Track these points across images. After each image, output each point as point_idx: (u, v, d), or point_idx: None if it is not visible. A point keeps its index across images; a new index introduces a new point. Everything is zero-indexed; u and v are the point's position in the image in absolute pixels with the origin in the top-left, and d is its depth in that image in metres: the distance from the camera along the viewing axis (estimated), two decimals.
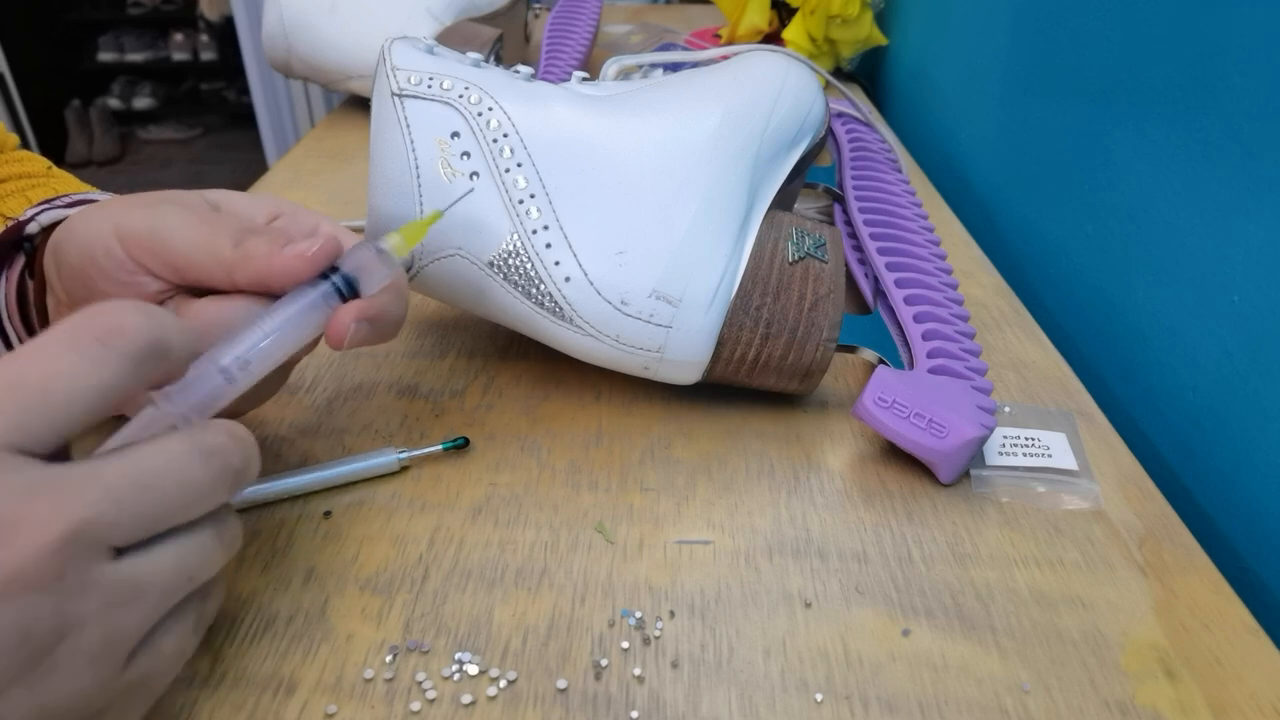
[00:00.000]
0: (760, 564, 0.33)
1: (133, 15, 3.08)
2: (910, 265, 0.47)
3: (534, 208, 0.36)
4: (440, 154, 0.36)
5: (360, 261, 0.30)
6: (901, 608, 0.31)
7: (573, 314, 0.36)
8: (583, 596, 0.31)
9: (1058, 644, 0.30)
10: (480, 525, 0.34)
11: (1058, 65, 0.57)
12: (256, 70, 2.17)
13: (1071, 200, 0.55)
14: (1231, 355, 0.40)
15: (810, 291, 0.38)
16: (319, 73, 0.77)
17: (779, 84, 0.41)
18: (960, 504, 0.36)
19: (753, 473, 0.37)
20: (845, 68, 0.95)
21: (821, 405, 0.41)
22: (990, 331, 0.48)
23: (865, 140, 0.62)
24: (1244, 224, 0.39)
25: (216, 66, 3.14)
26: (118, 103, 3.18)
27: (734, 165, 0.38)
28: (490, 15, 0.82)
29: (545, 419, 0.40)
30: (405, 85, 0.36)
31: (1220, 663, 0.29)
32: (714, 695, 0.28)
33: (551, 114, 0.37)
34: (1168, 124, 0.45)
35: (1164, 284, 0.45)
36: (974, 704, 0.28)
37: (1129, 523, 0.35)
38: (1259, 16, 0.39)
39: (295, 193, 0.64)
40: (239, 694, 0.27)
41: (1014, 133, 0.64)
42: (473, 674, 0.28)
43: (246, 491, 0.34)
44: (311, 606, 0.30)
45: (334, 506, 0.34)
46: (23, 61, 2.71)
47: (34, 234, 0.33)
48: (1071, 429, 0.39)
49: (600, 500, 0.35)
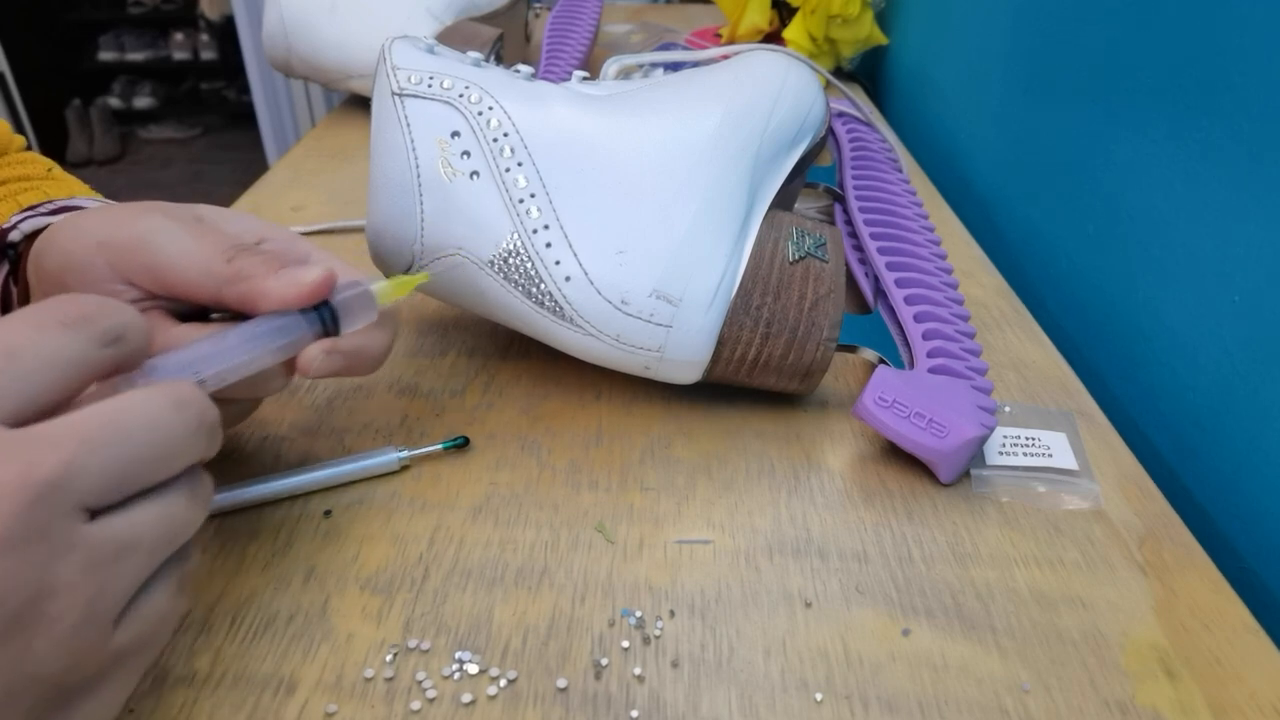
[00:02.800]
0: (760, 564, 0.33)
1: (133, 15, 3.08)
2: (910, 265, 0.47)
3: (534, 207, 0.36)
4: (440, 153, 0.36)
5: (349, 301, 0.30)
6: (901, 607, 0.31)
7: (573, 313, 0.36)
8: (583, 596, 0.31)
9: (1058, 644, 0.30)
10: (480, 525, 0.34)
11: (1058, 65, 0.57)
12: (257, 70, 2.17)
13: (1071, 200, 0.55)
14: (1231, 355, 0.40)
15: (810, 291, 0.38)
16: (319, 72, 0.77)
17: (779, 83, 0.41)
18: (960, 504, 0.36)
19: (753, 472, 0.37)
20: (846, 67, 0.95)
21: (821, 405, 0.41)
22: (990, 331, 0.48)
23: (866, 140, 0.62)
24: (1244, 224, 0.39)
25: (217, 66, 3.14)
26: (118, 102, 3.18)
27: (734, 165, 0.38)
28: (490, 15, 0.82)
29: (545, 418, 0.40)
30: (405, 84, 0.36)
31: (1220, 662, 0.29)
32: (714, 695, 0.28)
33: (552, 113, 0.37)
34: (1168, 124, 0.45)
35: (1164, 284, 0.45)
36: (974, 704, 0.28)
37: (1129, 522, 0.35)
38: (1259, 16, 0.39)
39: (295, 192, 0.64)
40: (239, 693, 0.27)
41: (1014, 133, 0.64)
42: (473, 673, 0.28)
43: (248, 491, 0.34)
44: (311, 606, 0.30)
45: (334, 506, 0.34)
46: (23, 61, 2.71)
47: (16, 241, 0.33)
48: (1071, 429, 0.39)
49: (600, 500, 0.35)
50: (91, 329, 0.22)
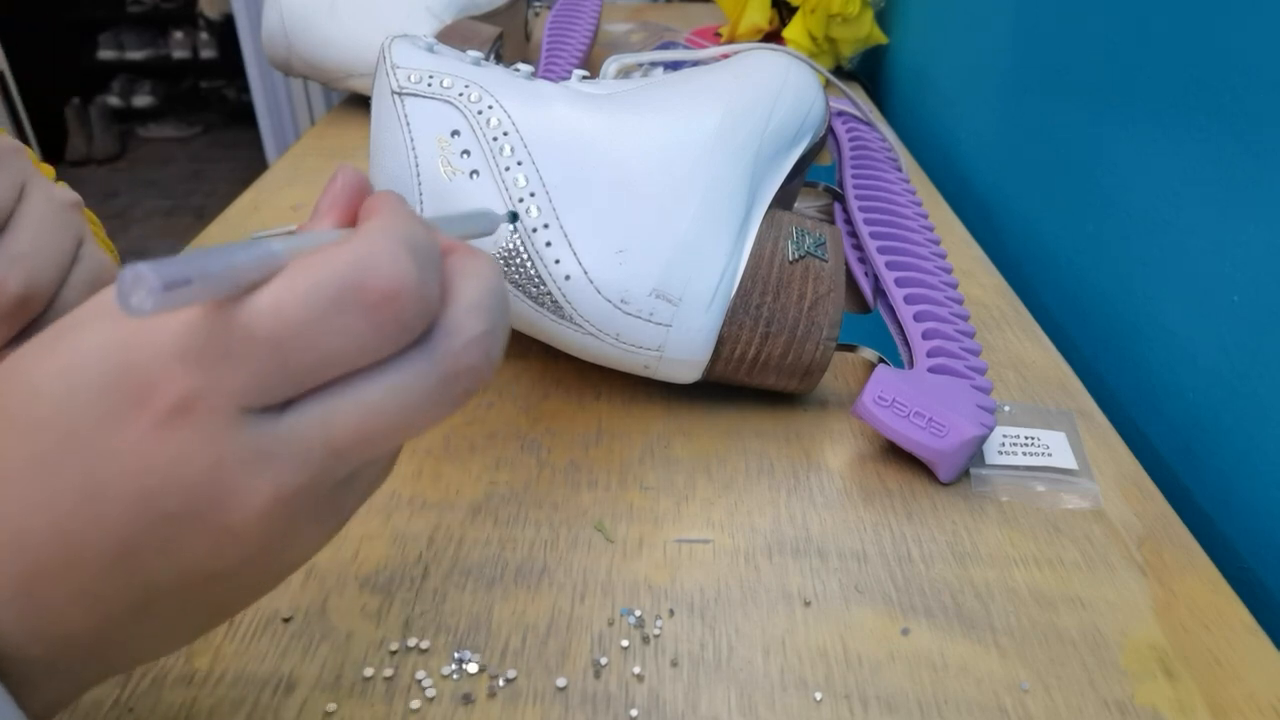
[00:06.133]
0: (760, 563, 0.33)
1: (133, 13, 3.08)
2: (910, 264, 0.47)
3: (534, 206, 0.36)
4: (440, 152, 0.36)
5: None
6: (901, 607, 0.31)
7: (573, 312, 0.36)
8: (582, 595, 0.31)
9: (1057, 643, 0.30)
10: (480, 524, 0.34)
11: (1058, 65, 0.57)
12: (256, 68, 2.17)
13: (1071, 200, 0.55)
14: (1231, 355, 0.40)
15: (810, 290, 0.38)
16: (319, 71, 0.77)
17: (779, 83, 0.41)
18: (960, 503, 0.36)
19: (752, 472, 0.37)
20: (846, 66, 0.95)
21: (821, 404, 0.41)
22: (990, 331, 0.48)
23: (865, 139, 0.62)
24: (1244, 224, 0.39)
25: (216, 64, 3.14)
26: (118, 100, 3.18)
27: (734, 164, 0.38)
28: (490, 13, 0.82)
29: (545, 417, 0.40)
30: (405, 83, 0.36)
31: (1219, 662, 0.29)
32: (713, 694, 0.28)
33: (552, 112, 0.37)
34: (1167, 123, 0.45)
35: (1164, 284, 0.45)
36: (973, 703, 0.28)
37: (1128, 522, 0.35)
38: (1259, 17, 0.39)
39: (295, 190, 0.64)
40: (239, 691, 0.27)
41: (1014, 132, 0.64)
42: (472, 672, 0.28)
43: None
44: (311, 605, 0.30)
45: None
46: (23, 59, 2.71)
47: None
48: (1071, 428, 0.39)
49: (600, 499, 0.35)
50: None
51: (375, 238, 0.17)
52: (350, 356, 0.17)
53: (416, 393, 0.18)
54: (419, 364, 0.18)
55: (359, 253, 0.17)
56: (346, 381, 0.17)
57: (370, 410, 0.17)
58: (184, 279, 0.14)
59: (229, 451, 0.16)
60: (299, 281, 0.16)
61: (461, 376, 0.18)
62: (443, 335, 0.18)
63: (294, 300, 0.16)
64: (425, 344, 0.18)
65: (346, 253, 0.17)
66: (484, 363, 0.18)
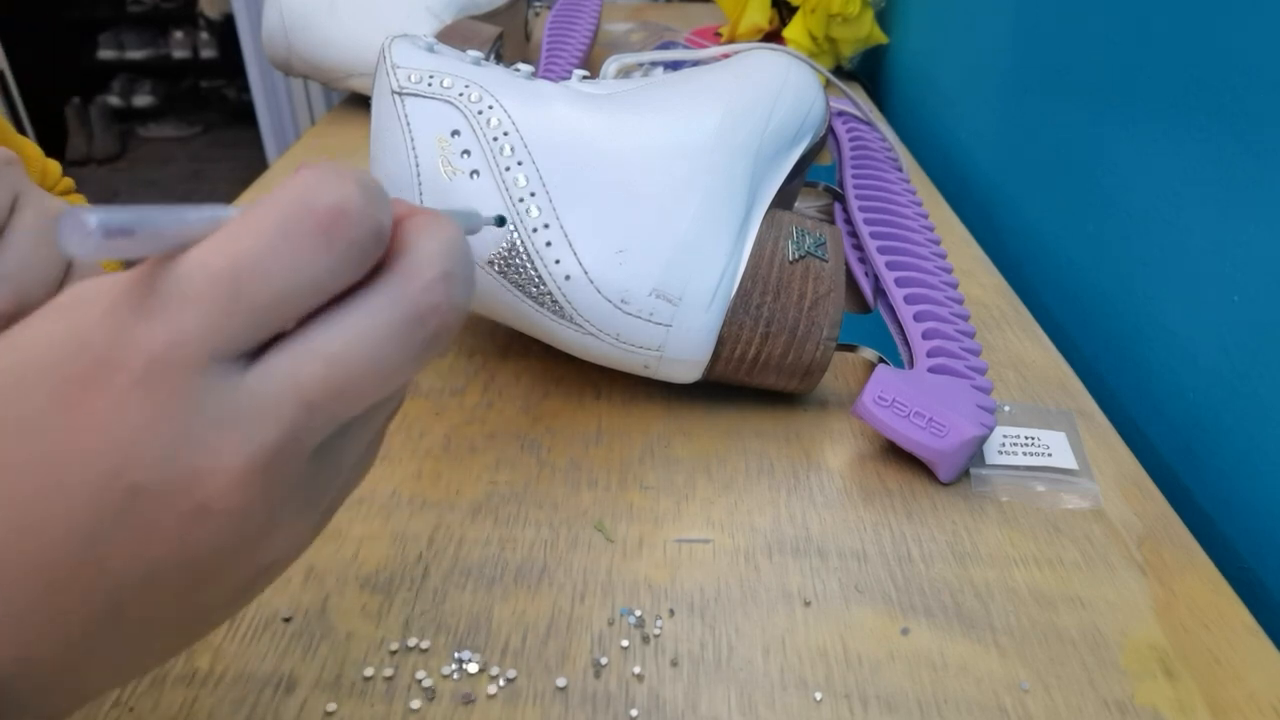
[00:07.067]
0: (760, 563, 0.33)
1: (133, 13, 3.08)
2: (910, 264, 0.47)
3: (534, 206, 0.36)
4: (440, 152, 0.36)
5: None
6: (901, 607, 0.31)
7: (573, 312, 0.36)
8: (582, 595, 0.31)
9: (1057, 643, 0.30)
10: (480, 523, 0.34)
11: (1058, 65, 0.57)
12: (257, 68, 2.17)
13: (1071, 200, 0.55)
14: (1231, 355, 0.40)
15: (810, 290, 0.38)
16: (319, 71, 0.77)
17: (779, 83, 0.41)
18: (960, 503, 0.36)
19: (752, 471, 0.37)
20: (846, 66, 0.95)
21: (821, 404, 0.41)
22: (990, 331, 0.48)
23: (866, 139, 0.62)
24: (1244, 224, 0.39)
25: (217, 64, 3.14)
26: (118, 100, 3.18)
27: (734, 164, 0.38)
28: (490, 13, 0.82)
29: (545, 417, 0.40)
30: (405, 83, 0.36)
31: (1219, 662, 0.29)
32: (713, 693, 0.28)
33: (552, 112, 0.37)
34: (1168, 123, 0.45)
35: (1164, 284, 0.45)
36: (973, 703, 0.28)
37: (1128, 522, 0.35)
38: (1259, 17, 0.38)
39: None
40: (239, 691, 0.27)
41: (1014, 132, 0.64)
42: (472, 672, 0.28)
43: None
44: (311, 604, 0.30)
45: None
46: (23, 59, 2.71)
47: None
48: (1071, 428, 0.39)
49: (600, 498, 0.35)
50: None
51: (317, 169, 0.17)
52: (308, 289, 0.17)
53: (382, 332, 0.17)
54: (381, 302, 0.18)
55: (304, 181, 0.17)
56: (310, 326, 0.17)
57: (338, 355, 0.17)
58: (126, 228, 0.14)
59: (199, 409, 0.16)
60: (245, 218, 0.16)
61: (426, 317, 0.18)
62: (402, 277, 0.18)
63: (242, 233, 0.16)
64: (385, 284, 0.18)
65: (290, 185, 0.17)
66: (446, 302, 0.18)
